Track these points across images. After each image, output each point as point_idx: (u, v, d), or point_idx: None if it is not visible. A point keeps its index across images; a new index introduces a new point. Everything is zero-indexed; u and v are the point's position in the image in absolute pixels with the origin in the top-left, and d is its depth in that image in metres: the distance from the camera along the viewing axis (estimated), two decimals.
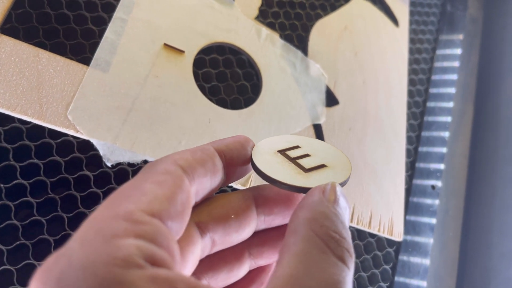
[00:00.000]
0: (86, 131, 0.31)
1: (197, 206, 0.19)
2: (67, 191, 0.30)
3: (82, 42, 0.34)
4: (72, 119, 0.31)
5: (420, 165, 0.48)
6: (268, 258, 0.21)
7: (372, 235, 0.41)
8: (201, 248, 0.18)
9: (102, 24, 0.35)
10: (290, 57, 0.42)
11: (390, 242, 0.42)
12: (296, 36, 0.44)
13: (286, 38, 0.44)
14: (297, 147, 0.21)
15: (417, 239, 0.44)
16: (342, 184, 0.19)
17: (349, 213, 0.18)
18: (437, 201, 0.47)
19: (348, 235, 0.16)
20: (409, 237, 0.44)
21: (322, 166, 0.20)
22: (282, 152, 0.20)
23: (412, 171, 0.47)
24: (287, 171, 0.19)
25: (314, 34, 0.45)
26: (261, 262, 0.21)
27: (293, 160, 0.20)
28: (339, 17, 0.48)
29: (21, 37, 0.32)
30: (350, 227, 0.39)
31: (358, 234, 0.40)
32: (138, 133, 0.33)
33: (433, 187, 0.47)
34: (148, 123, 0.33)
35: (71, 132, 0.31)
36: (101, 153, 0.31)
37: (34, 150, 0.30)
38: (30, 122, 0.30)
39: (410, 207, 0.45)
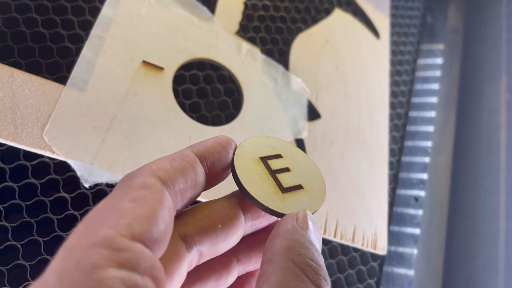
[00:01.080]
0: (63, 152, 0.30)
1: (180, 217, 0.18)
2: (43, 214, 0.30)
3: (58, 60, 0.34)
4: (48, 140, 0.30)
5: (403, 175, 0.48)
6: (257, 263, 0.20)
7: (356, 250, 0.41)
8: (188, 261, 0.17)
9: (79, 42, 0.35)
10: (271, 72, 0.42)
11: (374, 256, 0.42)
12: (277, 50, 0.44)
13: (267, 52, 0.44)
14: (279, 156, 0.21)
15: (401, 250, 0.44)
16: (314, 212, 0.19)
17: (320, 238, 0.18)
18: (420, 212, 0.47)
19: (323, 262, 0.16)
20: (393, 248, 0.44)
21: (299, 187, 0.20)
22: (264, 160, 0.20)
23: (395, 183, 0.47)
24: (265, 188, 0.19)
25: (295, 48, 0.46)
26: (249, 267, 0.20)
27: (273, 174, 0.20)
28: (320, 30, 0.48)
29: None
30: (333, 242, 0.39)
31: (341, 249, 0.40)
32: (116, 153, 0.32)
33: (416, 199, 0.47)
34: (127, 142, 0.33)
35: (47, 153, 0.30)
36: (79, 174, 0.31)
37: (8, 172, 0.30)
38: (4, 144, 0.30)
39: (393, 218, 0.45)
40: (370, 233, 0.41)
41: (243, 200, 0.19)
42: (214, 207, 0.19)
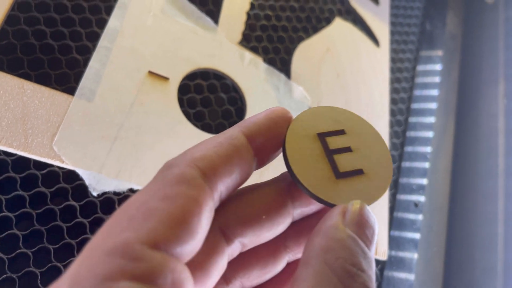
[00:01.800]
0: (72, 161, 0.31)
1: (219, 206, 0.16)
2: (53, 222, 0.30)
3: (67, 71, 0.35)
4: (58, 149, 0.31)
5: (403, 180, 0.49)
6: None
7: None
8: (228, 253, 0.16)
9: (86, 53, 0.36)
10: (274, 81, 0.43)
11: (375, 261, 0.42)
12: (279, 59, 0.45)
13: (270, 61, 0.44)
14: (342, 132, 0.18)
15: (402, 254, 0.45)
16: (371, 204, 0.16)
17: (376, 235, 0.15)
18: (420, 217, 0.48)
19: (369, 266, 0.14)
20: (393, 253, 0.44)
21: (359, 172, 0.17)
22: (322, 137, 0.17)
23: (395, 188, 0.48)
24: (317, 172, 0.16)
25: (297, 56, 0.46)
26: (299, 255, 0.18)
27: (330, 155, 0.17)
28: (321, 39, 0.49)
29: (5, 68, 0.32)
30: None
31: None
32: (123, 162, 0.33)
33: (416, 204, 0.48)
34: (133, 151, 0.34)
35: (56, 162, 0.31)
36: (87, 182, 0.31)
37: (19, 181, 0.30)
38: (15, 154, 0.30)
39: (394, 223, 0.46)
40: None
41: (293, 184, 0.17)
42: (259, 194, 0.17)
